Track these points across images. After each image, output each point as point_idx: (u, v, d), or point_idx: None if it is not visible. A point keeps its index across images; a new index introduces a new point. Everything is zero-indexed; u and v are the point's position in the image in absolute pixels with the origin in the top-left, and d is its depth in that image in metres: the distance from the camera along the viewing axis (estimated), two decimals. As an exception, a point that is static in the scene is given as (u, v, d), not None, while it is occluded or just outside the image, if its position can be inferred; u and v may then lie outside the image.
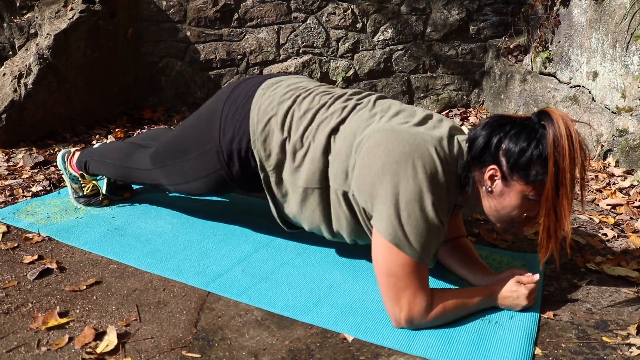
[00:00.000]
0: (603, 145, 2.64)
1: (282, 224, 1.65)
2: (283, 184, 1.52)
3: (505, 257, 1.77)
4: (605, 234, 1.94)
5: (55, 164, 2.53)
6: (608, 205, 2.20)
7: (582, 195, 1.40)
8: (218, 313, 1.43)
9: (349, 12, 3.60)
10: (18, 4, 3.29)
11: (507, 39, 3.68)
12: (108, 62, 3.30)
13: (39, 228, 1.87)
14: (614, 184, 2.40)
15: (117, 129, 3.17)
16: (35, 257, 1.68)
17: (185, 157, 1.66)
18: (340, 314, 1.42)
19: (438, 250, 1.40)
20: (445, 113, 3.77)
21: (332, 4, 3.59)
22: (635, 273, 1.64)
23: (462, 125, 3.47)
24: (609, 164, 2.56)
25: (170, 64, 3.60)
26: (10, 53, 3.30)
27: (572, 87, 2.99)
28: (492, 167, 1.32)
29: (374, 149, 1.34)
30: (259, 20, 3.57)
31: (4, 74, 2.94)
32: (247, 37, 3.59)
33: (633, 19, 2.47)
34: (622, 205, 2.18)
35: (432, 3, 3.66)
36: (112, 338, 1.29)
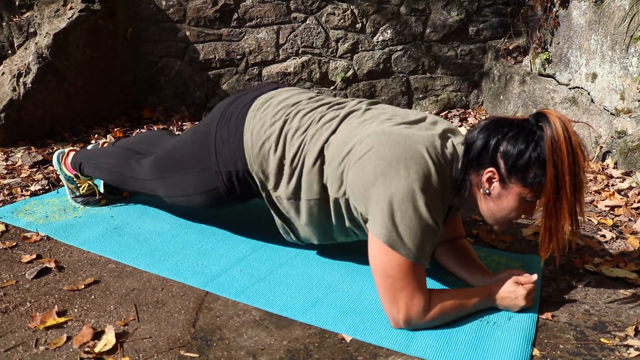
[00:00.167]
0: (602, 147, 2.64)
1: (291, 239, 1.65)
2: (285, 201, 1.52)
3: (504, 258, 1.77)
4: (604, 236, 1.94)
5: (54, 164, 2.53)
6: (606, 207, 2.20)
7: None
8: (216, 313, 1.43)
9: (349, 12, 3.60)
10: (17, 3, 3.29)
11: (506, 40, 3.68)
12: (107, 61, 3.29)
13: (38, 227, 1.87)
14: (613, 186, 2.40)
15: (116, 129, 3.17)
16: (34, 256, 1.68)
17: (185, 172, 1.67)
18: (339, 314, 1.42)
19: (435, 252, 1.40)
20: (445, 114, 3.77)
21: (331, 5, 3.59)
22: (634, 274, 1.64)
23: (460, 127, 3.48)
24: (608, 166, 2.57)
25: (170, 64, 3.60)
26: (10, 52, 3.30)
27: (571, 88, 2.99)
28: (489, 169, 1.32)
29: (366, 153, 1.34)
30: (259, 20, 3.57)
31: (3, 73, 2.94)
32: (246, 37, 3.59)
33: (632, 21, 2.47)
34: (620, 207, 2.18)
35: (431, 4, 3.66)
36: (110, 337, 1.29)
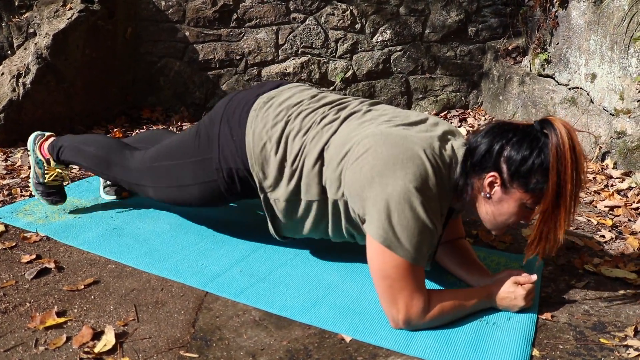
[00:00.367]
0: (601, 147, 2.64)
1: (277, 237, 1.64)
2: (283, 202, 1.52)
3: (503, 258, 1.77)
4: (603, 236, 1.95)
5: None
6: (606, 207, 2.20)
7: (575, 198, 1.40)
8: (216, 313, 1.43)
9: (348, 13, 3.60)
10: (17, 3, 3.29)
11: (505, 41, 3.69)
12: (107, 61, 3.29)
13: (37, 227, 1.87)
14: (612, 186, 2.40)
15: (115, 129, 3.17)
16: (33, 256, 1.68)
17: (184, 159, 1.66)
18: (338, 315, 1.42)
19: (434, 254, 1.40)
20: (444, 114, 3.77)
21: (330, 5, 3.60)
22: (633, 275, 1.64)
23: (460, 127, 3.48)
24: (607, 166, 2.57)
25: (169, 64, 3.60)
26: (9, 52, 3.30)
27: (570, 88, 2.99)
28: (492, 173, 1.32)
29: (363, 154, 1.34)
30: (258, 21, 3.57)
31: (3, 74, 2.94)
32: (245, 37, 3.59)
33: (631, 21, 2.48)
34: (620, 207, 2.18)
35: (430, 4, 3.67)
36: (109, 338, 1.29)
